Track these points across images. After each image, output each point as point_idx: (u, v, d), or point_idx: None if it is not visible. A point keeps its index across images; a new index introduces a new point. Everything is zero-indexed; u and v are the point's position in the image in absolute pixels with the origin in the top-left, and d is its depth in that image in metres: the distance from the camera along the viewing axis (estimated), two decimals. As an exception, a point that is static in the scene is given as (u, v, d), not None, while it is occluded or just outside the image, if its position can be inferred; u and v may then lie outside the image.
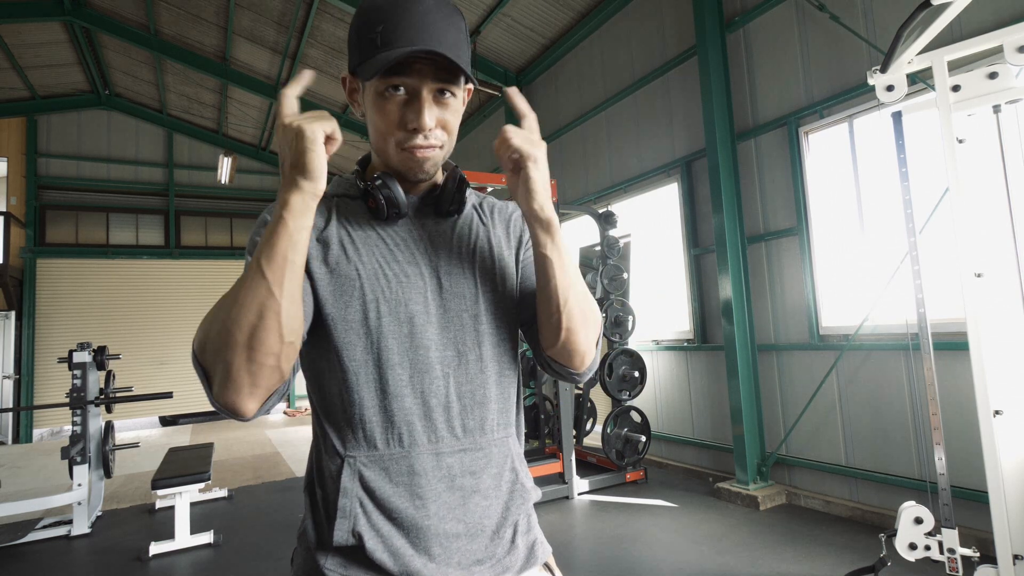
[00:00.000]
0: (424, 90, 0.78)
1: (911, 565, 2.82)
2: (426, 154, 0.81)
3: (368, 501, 0.76)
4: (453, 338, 0.82)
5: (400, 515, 0.76)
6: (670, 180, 5.20)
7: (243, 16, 7.16)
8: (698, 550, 3.26)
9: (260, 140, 10.75)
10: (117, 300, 9.74)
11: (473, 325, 0.84)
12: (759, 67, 4.32)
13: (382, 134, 0.81)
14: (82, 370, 4.18)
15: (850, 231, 3.84)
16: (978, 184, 2.24)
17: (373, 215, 0.84)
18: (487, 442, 0.83)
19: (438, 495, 0.78)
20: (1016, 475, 2.13)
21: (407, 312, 0.80)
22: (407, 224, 0.86)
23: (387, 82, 0.77)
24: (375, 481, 0.76)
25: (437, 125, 0.80)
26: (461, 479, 0.80)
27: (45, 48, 8.04)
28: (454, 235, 0.88)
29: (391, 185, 0.82)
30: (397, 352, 0.79)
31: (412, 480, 0.77)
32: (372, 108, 0.81)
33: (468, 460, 0.81)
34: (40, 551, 3.77)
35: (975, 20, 3.06)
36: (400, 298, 0.80)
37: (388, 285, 0.80)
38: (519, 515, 0.85)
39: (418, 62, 0.76)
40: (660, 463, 5.17)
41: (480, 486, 0.81)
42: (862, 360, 3.66)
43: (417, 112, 0.78)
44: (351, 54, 0.82)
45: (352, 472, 0.76)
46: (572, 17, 6.13)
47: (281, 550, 3.60)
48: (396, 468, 0.77)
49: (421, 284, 0.82)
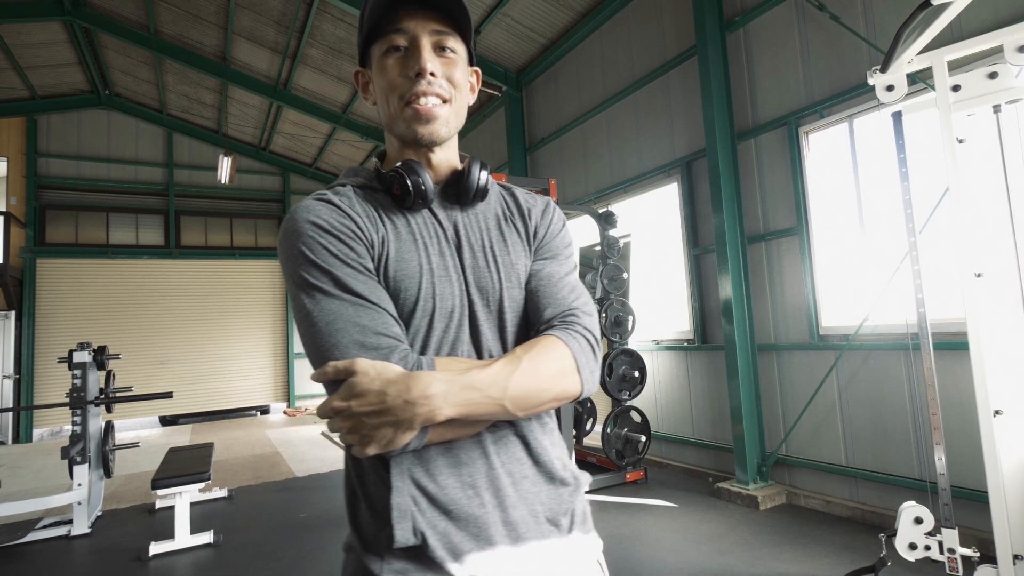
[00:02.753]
0: (422, 36, 0.79)
1: (911, 565, 2.82)
2: (430, 106, 0.80)
3: (422, 498, 0.74)
4: (481, 334, 0.82)
5: (456, 508, 0.74)
6: (670, 180, 5.20)
7: (243, 16, 7.16)
8: (698, 550, 3.26)
9: (260, 140, 10.75)
10: (117, 300, 9.74)
11: (495, 321, 0.83)
12: (759, 67, 4.32)
13: (387, 95, 0.81)
14: (82, 370, 4.18)
15: (850, 231, 3.84)
16: (978, 184, 2.24)
17: (397, 203, 0.83)
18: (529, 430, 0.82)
19: (489, 483, 0.77)
20: (1016, 475, 2.13)
21: (447, 308, 0.80)
22: (432, 215, 0.85)
23: (386, 40, 0.79)
24: (425, 477, 0.75)
25: (442, 75, 0.80)
26: (510, 465, 0.79)
27: (45, 48, 8.04)
28: (478, 225, 0.87)
29: (419, 170, 0.81)
30: (435, 349, 0.79)
31: (460, 471, 0.76)
32: (377, 75, 0.81)
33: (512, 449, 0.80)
34: (40, 551, 3.77)
35: (975, 20, 3.06)
36: (441, 294, 0.80)
37: (432, 282, 0.80)
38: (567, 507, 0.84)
39: (413, 10, 0.79)
40: (660, 463, 5.17)
41: (525, 480, 0.80)
42: (862, 360, 3.66)
43: (418, 56, 0.79)
44: (358, 44, 0.85)
45: (401, 470, 0.74)
46: (572, 17, 6.13)
47: (281, 550, 3.60)
48: (443, 461, 0.76)
49: (450, 279, 0.81)
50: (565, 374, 0.77)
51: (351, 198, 0.82)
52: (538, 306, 0.85)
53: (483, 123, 8.27)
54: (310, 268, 0.75)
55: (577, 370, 0.78)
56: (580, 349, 0.79)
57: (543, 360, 0.75)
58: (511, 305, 0.84)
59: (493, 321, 0.83)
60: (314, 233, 0.76)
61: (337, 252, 0.75)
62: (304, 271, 0.75)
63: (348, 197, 0.82)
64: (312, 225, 0.76)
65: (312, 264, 0.75)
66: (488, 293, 0.83)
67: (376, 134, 9.26)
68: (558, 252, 0.92)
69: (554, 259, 0.91)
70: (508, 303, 0.84)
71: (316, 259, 0.75)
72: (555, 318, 0.83)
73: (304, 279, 0.75)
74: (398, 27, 0.79)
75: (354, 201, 0.82)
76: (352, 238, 0.77)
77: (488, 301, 0.83)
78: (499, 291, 0.84)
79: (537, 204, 0.95)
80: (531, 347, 0.77)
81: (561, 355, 0.77)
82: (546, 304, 0.84)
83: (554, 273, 0.88)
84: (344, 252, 0.76)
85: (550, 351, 0.76)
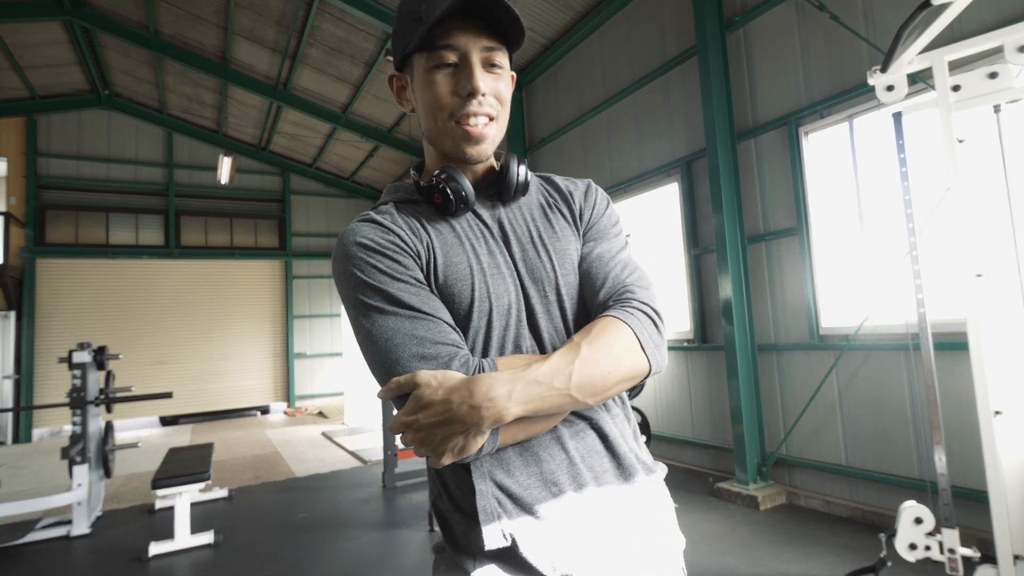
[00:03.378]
0: (473, 53, 0.78)
1: (911, 565, 2.82)
2: (481, 127, 0.80)
3: (506, 499, 0.73)
4: (541, 325, 0.82)
5: (541, 507, 0.74)
6: (670, 180, 5.19)
7: (243, 16, 7.16)
8: (698, 550, 3.25)
9: (260, 140, 10.75)
10: (117, 300, 9.74)
11: (554, 310, 0.83)
12: (759, 67, 4.32)
13: (433, 111, 0.80)
14: (82, 370, 4.18)
15: (850, 231, 3.84)
16: (978, 184, 2.24)
17: (440, 211, 0.83)
18: (603, 420, 0.82)
19: (572, 478, 0.76)
20: (1016, 475, 2.13)
21: (504, 305, 0.80)
22: (476, 216, 0.85)
23: (436, 56, 0.77)
24: (506, 477, 0.74)
25: (491, 93, 0.80)
26: (590, 459, 0.78)
27: (45, 48, 8.04)
28: (523, 219, 0.87)
29: (457, 177, 0.81)
30: (493, 348, 0.78)
31: (541, 468, 0.75)
32: (423, 88, 0.80)
33: (589, 441, 0.79)
34: (40, 551, 3.76)
35: (975, 20, 3.06)
36: (496, 291, 0.80)
37: (485, 281, 0.80)
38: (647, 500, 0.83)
39: (465, 25, 0.76)
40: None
41: (607, 465, 0.79)
42: (862, 360, 3.66)
43: (470, 74, 0.77)
44: (397, 48, 0.83)
45: (482, 473, 0.74)
46: (572, 17, 6.13)
47: (281, 550, 3.60)
48: (522, 460, 0.75)
49: (502, 276, 0.81)
50: (629, 353, 0.75)
51: (393, 214, 0.83)
52: (593, 288, 0.83)
53: (483, 123, 8.26)
54: (364, 289, 0.76)
55: (641, 347, 0.76)
56: (640, 325, 0.77)
57: (604, 343, 0.73)
58: (568, 291, 0.84)
59: (553, 310, 0.83)
60: (362, 254, 0.76)
61: (386, 269, 0.76)
62: (359, 293, 0.76)
63: (390, 214, 0.83)
64: (359, 247, 0.77)
65: (364, 285, 0.76)
66: (543, 283, 0.83)
67: (376, 134, 9.26)
68: (606, 231, 0.91)
69: (603, 239, 0.89)
70: (565, 289, 0.84)
71: (368, 279, 0.76)
72: (611, 298, 0.81)
73: (360, 300, 0.76)
74: (449, 43, 0.77)
75: (396, 216, 0.82)
76: (399, 252, 0.77)
77: (544, 291, 0.83)
78: (554, 278, 0.83)
79: (579, 187, 0.94)
80: (589, 331, 0.75)
81: (622, 334, 0.75)
82: (600, 285, 0.83)
83: (604, 253, 0.87)
84: (393, 268, 0.76)
85: (609, 332, 0.75)
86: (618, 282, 0.83)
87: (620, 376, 0.74)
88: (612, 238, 0.90)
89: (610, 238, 0.90)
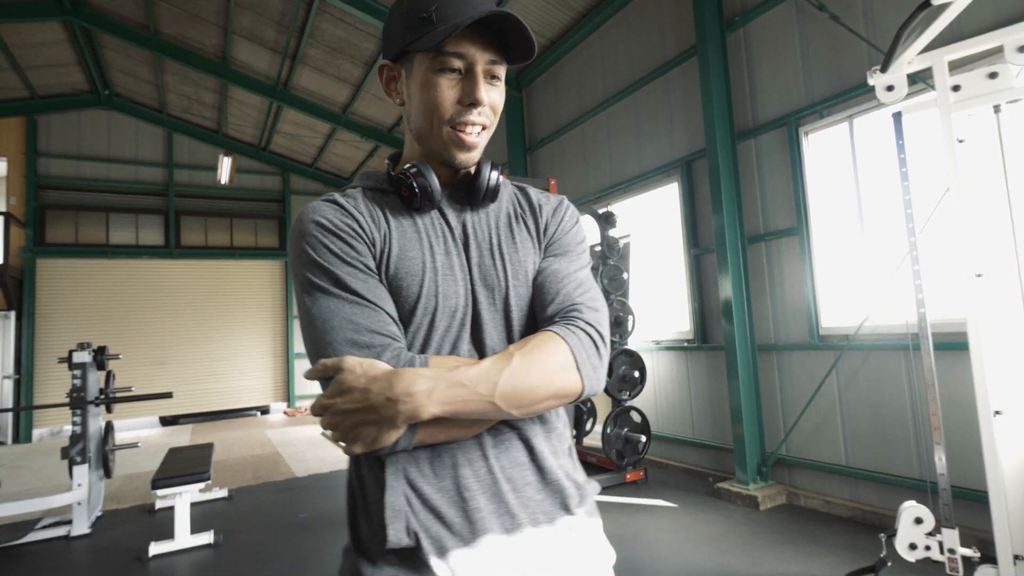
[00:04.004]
0: (479, 65, 0.78)
1: (911, 565, 2.82)
2: (475, 136, 0.81)
3: (416, 499, 0.73)
4: (485, 332, 0.81)
5: (449, 512, 0.73)
6: (670, 180, 5.19)
7: (243, 16, 7.16)
8: (698, 550, 3.25)
9: (260, 140, 10.74)
10: (117, 300, 9.74)
11: (501, 320, 0.83)
12: (759, 67, 4.32)
13: (431, 113, 0.80)
14: (82, 370, 4.18)
15: (850, 231, 3.84)
16: (978, 184, 2.24)
17: (406, 204, 0.83)
18: (531, 432, 0.81)
19: (486, 487, 0.75)
20: (1016, 475, 2.13)
21: (451, 307, 0.79)
22: (441, 215, 0.85)
23: (442, 60, 0.77)
24: (420, 477, 0.74)
25: (488, 104, 0.81)
26: (510, 470, 0.77)
27: (45, 48, 8.04)
28: (487, 225, 0.87)
29: (426, 173, 0.81)
30: (432, 347, 0.78)
31: (457, 472, 0.75)
32: (422, 88, 0.79)
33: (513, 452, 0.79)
34: (40, 551, 3.76)
35: (975, 20, 3.06)
36: (444, 292, 0.79)
37: (436, 280, 0.80)
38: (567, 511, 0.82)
39: (474, 36, 0.77)
40: (660, 463, 5.17)
41: (530, 478, 0.79)
42: (862, 360, 3.66)
43: (474, 85, 0.78)
44: (394, 39, 0.82)
45: (396, 469, 0.74)
46: (572, 17, 6.13)
47: (281, 550, 3.60)
48: (440, 462, 0.75)
49: (455, 278, 0.81)
50: (563, 370, 0.74)
51: (357, 199, 0.83)
52: (542, 302, 0.83)
53: (483, 123, 8.26)
54: (312, 268, 0.76)
55: (576, 367, 0.75)
56: (580, 345, 0.76)
57: (538, 357, 0.73)
58: (517, 303, 0.84)
59: (499, 320, 0.83)
60: (317, 232, 0.77)
61: (337, 251, 0.76)
62: (307, 270, 0.76)
63: (354, 199, 0.83)
64: (315, 224, 0.77)
65: (314, 264, 0.76)
66: (494, 291, 0.83)
67: (376, 134, 9.25)
68: (568, 249, 0.90)
69: (564, 256, 0.89)
70: (514, 300, 0.83)
71: (318, 258, 0.76)
72: (557, 314, 0.80)
73: (306, 278, 0.76)
74: (458, 51, 0.77)
75: (359, 202, 0.83)
76: (353, 236, 0.77)
77: (494, 299, 0.83)
78: (505, 288, 0.83)
79: (549, 202, 0.94)
80: (525, 343, 0.75)
81: (559, 351, 0.74)
82: (550, 300, 0.82)
83: (560, 269, 0.86)
84: (344, 251, 0.76)
85: (546, 347, 0.74)
86: (568, 299, 0.82)
87: (549, 392, 0.73)
88: (573, 257, 0.89)
89: (571, 256, 0.89)
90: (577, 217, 0.96)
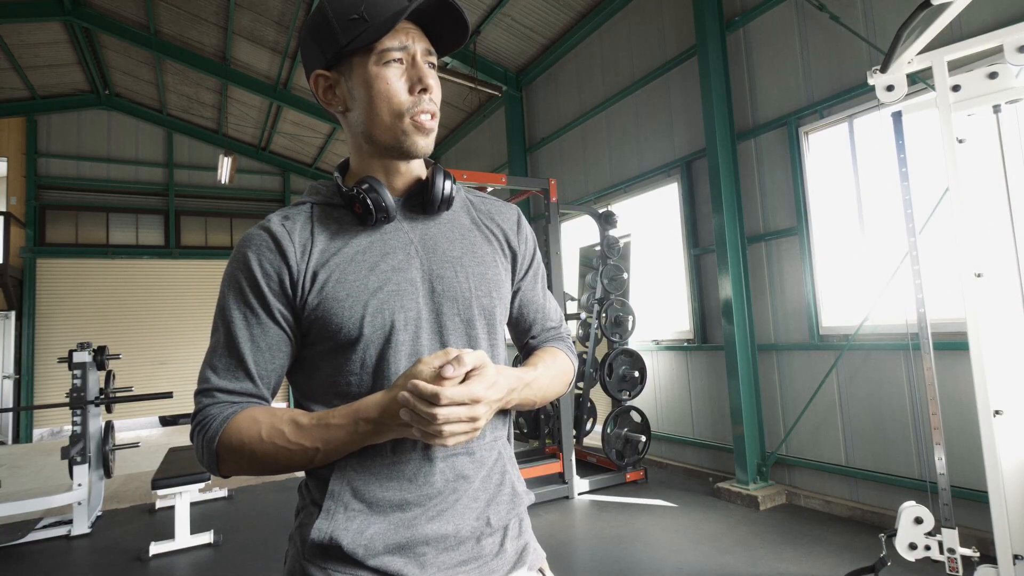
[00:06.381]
0: (418, 54, 0.80)
1: (911, 565, 2.82)
2: (432, 123, 0.82)
3: (355, 502, 0.76)
4: (445, 343, 0.82)
5: (379, 505, 0.76)
6: (670, 180, 5.19)
7: (243, 16, 7.16)
8: (698, 550, 3.26)
9: (260, 140, 10.75)
10: (117, 300, 9.74)
11: (465, 329, 0.83)
12: (759, 67, 4.32)
13: (385, 103, 0.79)
14: (82, 370, 4.18)
15: (850, 231, 3.84)
16: (978, 184, 2.24)
17: (360, 221, 0.82)
18: (478, 446, 0.82)
19: (428, 499, 0.77)
20: (1016, 475, 2.13)
21: (403, 320, 0.79)
22: (396, 227, 0.84)
23: (386, 53, 0.78)
24: (364, 489, 0.76)
25: (434, 90, 0.82)
26: (453, 483, 0.79)
27: (45, 48, 8.04)
28: (445, 234, 0.87)
29: (378, 188, 0.80)
30: (392, 361, 0.78)
31: (402, 486, 0.76)
32: (369, 84, 0.79)
33: (459, 465, 0.80)
34: (40, 551, 3.77)
35: (975, 20, 3.06)
36: (396, 306, 0.79)
37: (383, 295, 0.79)
38: (510, 519, 0.84)
39: (408, 28, 0.80)
40: (660, 463, 5.17)
41: (471, 490, 0.80)
42: (862, 360, 3.66)
43: (422, 72, 0.80)
44: (324, 47, 0.81)
45: (341, 477, 0.76)
46: (572, 17, 6.13)
47: (281, 550, 3.60)
48: (387, 474, 0.76)
49: (413, 289, 0.81)
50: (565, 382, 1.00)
51: (299, 221, 0.82)
52: (526, 323, 0.99)
53: (483, 123, 8.27)
54: (228, 288, 0.80)
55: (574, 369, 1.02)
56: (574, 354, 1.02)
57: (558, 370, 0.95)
58: (481, 312, 0.84)
59: (460, 328, 0.83)
60: (247, 259, 0.79)
61: (248, 291, 0.78)
62: (225, 286, 0.80)
63: (299, 220, 0.82)
64: (253, 250, 0.80)
65: (230, 286, 0.80)
66: (457, 300, 0.83)
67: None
68: (537, 267, 0.99)
69: (534, 274, 0.98)
70: (478, 311, 0.84)
71: (236, 284, 0.79)
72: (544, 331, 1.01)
73: (223, 292, 0.81)
74: (400, 43, 0.78)
75: (303, 224, 0.82)
76: (267, 276, 0.78)
77: (457, 308, 0.83)
78: (469, 299, 0.83)
79: (507, 215, 0.96)
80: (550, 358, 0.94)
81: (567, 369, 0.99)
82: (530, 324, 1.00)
83: (537, 289, 0.99)
84: (255, 294, 0.78)
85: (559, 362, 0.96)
86: (548, 320, 1.01)
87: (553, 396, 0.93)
88: (539, 271, 1.00)
89: (539, 274, 1.00)
90: (529, 227, 1.01)
